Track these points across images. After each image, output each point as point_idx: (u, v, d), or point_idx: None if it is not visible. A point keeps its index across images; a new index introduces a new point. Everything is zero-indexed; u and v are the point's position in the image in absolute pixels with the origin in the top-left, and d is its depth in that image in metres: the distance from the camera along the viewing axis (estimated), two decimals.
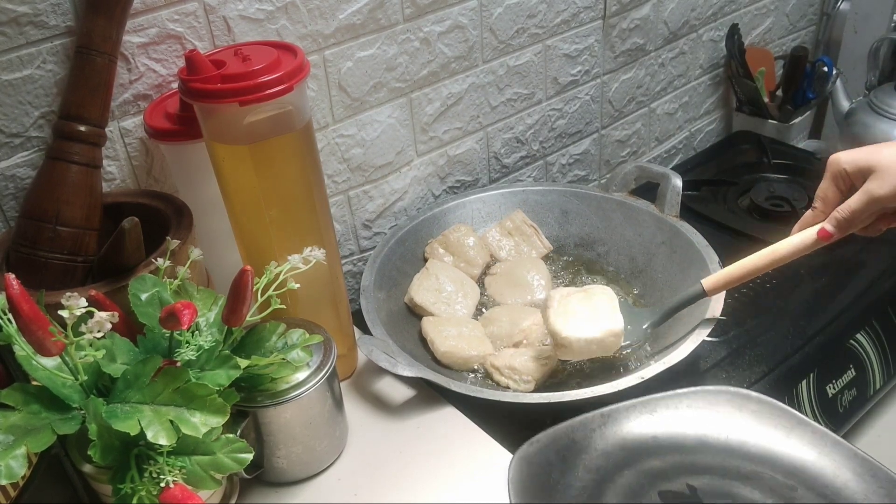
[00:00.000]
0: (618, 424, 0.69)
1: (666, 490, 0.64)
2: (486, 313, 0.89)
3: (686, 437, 0.68)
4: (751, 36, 1.33)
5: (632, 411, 0.70)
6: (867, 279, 0.97)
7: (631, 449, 0.67)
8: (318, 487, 0.71)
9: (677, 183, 0.94)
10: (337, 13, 0.81)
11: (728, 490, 0.64)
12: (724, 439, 0.68)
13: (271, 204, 0.69)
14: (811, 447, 0.65)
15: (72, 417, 0.54)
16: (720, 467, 0.66)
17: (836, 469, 0.63)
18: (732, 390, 0.70)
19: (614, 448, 0.67)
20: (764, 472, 0.65)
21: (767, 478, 0.64)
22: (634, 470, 0.66)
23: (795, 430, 0.66)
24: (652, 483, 0.64)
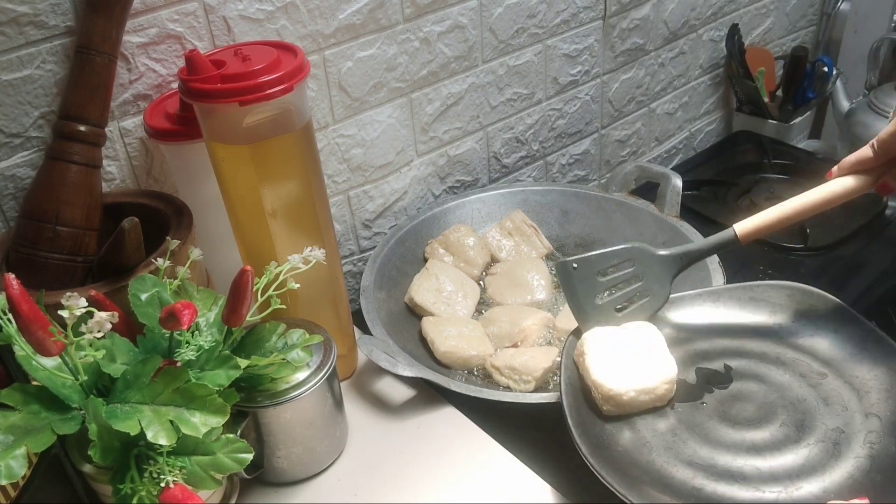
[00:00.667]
0: (681, 311, 0.76)
1: (704, 367, 0.71)
2: (486, 313, 0.89)
3: (741, 324, 0.75)
4: (751, 36, 1.33)
5: (696, 300, 0.77)
6: (867, 280, 0.97)
7: (685, 330, 0.75)
8: (318, 487, 0.71)
9: (677, 183, 0.94)
10: (337, 13, 0.81)
11: (761, 371, 0.70)
12: (775, 329, 0.74)
13: (271, 204, 0.69)
14: (855, 341, 0.71)
15: (72, 417, 0.54)
16: (762, 353, 0.72)
17: (873, 363, 0.69)
18: (796, 286, 0.76)
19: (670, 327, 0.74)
20: (802, 360, 0.71)
21: (803, 365, 0.70)
22: (682, 349, 0.72)
23: (846, 326, 0.72)
24: (693, 360, 0.71)
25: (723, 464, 0.62)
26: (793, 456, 0.63)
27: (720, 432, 0.65)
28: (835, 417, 0.65)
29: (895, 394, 0.65)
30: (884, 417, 0.64)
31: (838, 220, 1.08)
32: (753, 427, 0.65)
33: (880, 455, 0.61)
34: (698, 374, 0.71)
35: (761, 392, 0.68)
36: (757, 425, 0.66)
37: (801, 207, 0.70)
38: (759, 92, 1.29)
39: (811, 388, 0.68)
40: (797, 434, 0.64)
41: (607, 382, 0.66)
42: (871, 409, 0.65)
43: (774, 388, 0.69)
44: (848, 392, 0.67)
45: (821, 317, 0.73)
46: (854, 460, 0.61)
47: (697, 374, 0.71)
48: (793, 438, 0.64)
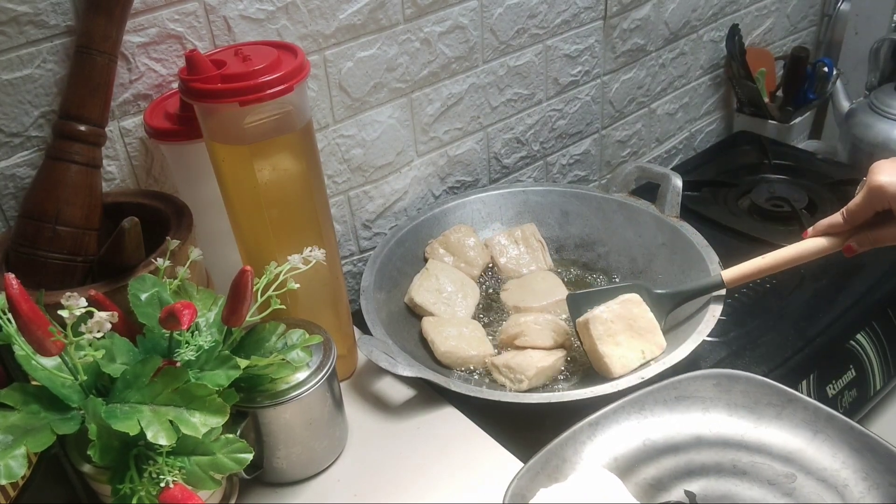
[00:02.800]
0: (607, 433, 0.66)
1: (664, 503, 0.62)
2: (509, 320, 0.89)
3: (678, 434, 0.66)
4: (751, 36, 1.33)
5: (620, 413, 0.66)
6: (867, 280, 0.97)
7: (624, 459, 0.65)
8: (318, 488, 0.71)
9: (678, 183, 0.94)
10: (337, 13, 0.81)
11: (727, 490, 0.62)
12: (716, 430, 0.66)
13: (271, 204, 0.69)
14: (805, 426, 0.63)
15: (71, 417, 0.54)
16: (716, 465, 0.64)
17: (832, 447, 0.61)
18: (719, 373, 0.69)
19: (609, 464, 0.64)
20: (761, 463, 0.63)
21: (765, 468, 0.62)
22: (630, 483, 0.63)
23: (787, 408, 0.65)
24: (649, 495, 0.62)
25: None
26: None
27: None
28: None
29: (875, 480, 0.58)
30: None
31: None
32: None
33: None
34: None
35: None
36: None
37: (779, 261, 0.80)
38: (759, 93, 1.29)
39: (788, 496, 0.60)
40: None
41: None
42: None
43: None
44: (827, 492, 0.59)
45: (756, 403, 0.66)
46: None
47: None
48: None
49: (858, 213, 0.74)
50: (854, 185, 1.13)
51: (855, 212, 0.75)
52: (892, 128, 1.17)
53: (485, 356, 0.83)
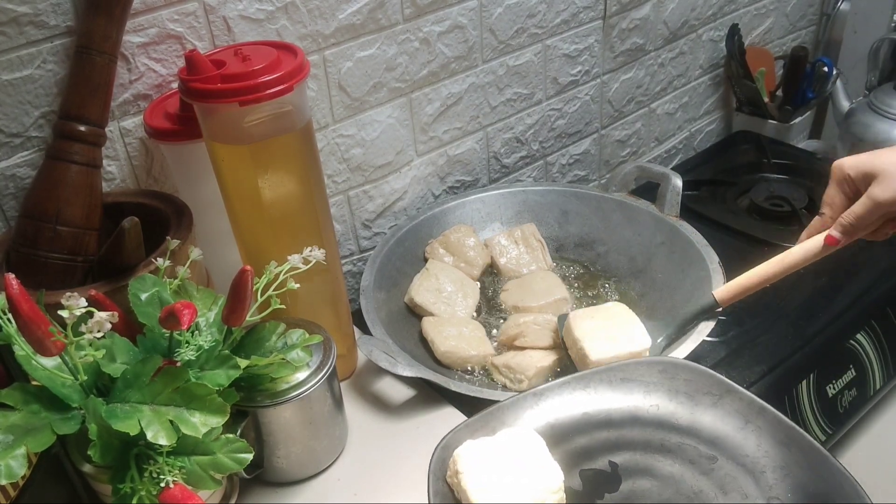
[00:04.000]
0: (550, 403, 0.68)
1: (588, 469, 0.65)
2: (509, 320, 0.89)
3: (617, 411, 0.68)
4: (751, 36, 1.33)
5: (565, 388, 0.69)
6: (867, 280, 0.97)
7: (560, 426, 0.67)
8: (318, 487, 0.71)
9: (677, 183, 0.94)
10: (337, 13, 0.81)
11: (649, 464, 0.65)
12: (654, 412, 0.68)
13: (271, 204, 0.69)
14: (737, 415, 0.66)
15: (71, 417, 0.54)
16: (645, 441, 0.66)
17: (758, 437, 0.64)
18: (665, 360, 0.71)
19: (544, 429, 0.66)
20: (688, 444, 0.66)
21: (690, 449, 0.65)
22: (560, 450, 0.65)
23: (724, 398, 0.67)
24: (576, 462, 0.65)
25: None
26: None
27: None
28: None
29: (791, 470, 0.61)
30: (785, 500, 0.60)
31: None
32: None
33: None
34: (583, 477, 0.64)
35: (655, 490, 0.63)
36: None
37: (773, 271, 0.76)
38: (758, 92, 1.29)
39: (704, 476, 0.63)
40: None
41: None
42: (770, 492, 0.60)
43: (668, 483, 0.63)
44: (743, 476, 0.62)
45: (697, 391, 0.68)
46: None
47: (582, 478, 0.64)
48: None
49: (834, 200, 0.72)
50: None
51: (830, 202, 0.72)
52: (891, 127, 1.17)
53: (485, 356, 0.83)
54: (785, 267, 0.75)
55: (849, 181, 0.70)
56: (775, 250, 1.03)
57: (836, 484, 0.58)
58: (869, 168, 0.68)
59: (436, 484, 0.61)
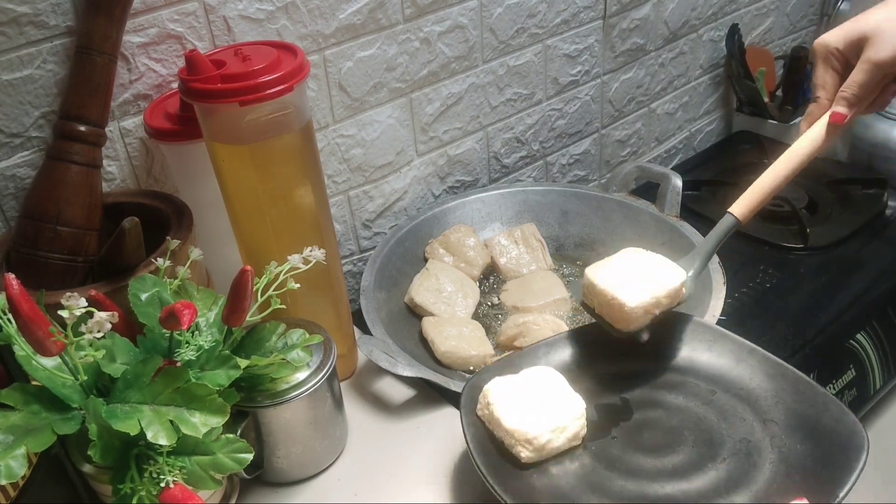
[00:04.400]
0: (564, 352, 0.75)
1: (602, 403, 0.71)
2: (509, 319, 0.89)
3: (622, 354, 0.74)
4: (751, 36, 1.33)
5: (573, 336, 0.77)
6: (867, 279, 0.97)
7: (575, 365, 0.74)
8: (318, 487, 0.71)
9: (677, 183, 0.94)
10: (337, 13, 0.81)
11: (656, 398, 0.71)
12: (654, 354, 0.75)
13: (271, 204, 0.69)
14: (730, 355, 0.73)
15: (72, 417, 0.54)
16: (651, 380, 0.73)
17: (751, 372, 0.71)
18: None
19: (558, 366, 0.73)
20: (689, 381, 0.72)
21: (691, 385, 0.72)
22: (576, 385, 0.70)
23: (717, 342, 0.74)
24: (590, 398, 0.70)
25: (653, 493, 0.62)
26: (714, 472, 0.63)
27: (639, 462, 0.65)
28: (737, 429, 0.67)
29: (782, 398, 0.68)
30: (780, 421, 0.66)
31: (839, 219, 1.08)
32: (669, 452, 0.66)
33: (790, 455, 0.63)
34: (598, 409, 0.70)
35: (664, 417, 0.69)
36: (671, 449, 0.66)
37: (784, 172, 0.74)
38: (759, 92, 1.29)
39: (706, 406, 0.69)
40: (710, 451, 0.65)
41: (522, 427, 0.63)
42: (766, 415, 0.67)
43: (674, 412, 0.69)
44: (740, 404, 0.69)
45: (693, 337, 0.75)
46: (770, 465, 0.63)
47: (598, 410, 0.70)
48: (708, 456, 0.65)
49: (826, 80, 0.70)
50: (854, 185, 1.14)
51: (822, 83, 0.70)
52: (891, 127, 1.17)
53: (485, 356, 0.83)
54: (796, 163, 0.73)
55: (836, 55, 0.68)
56: (776, 249, 1.04)
57: (822, 405, 0.65)
58: (857, 34, 0.66)
59: (468, 417, 0.67)
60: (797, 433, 0.65)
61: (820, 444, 0.63)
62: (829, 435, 0.63)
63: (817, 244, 1.03)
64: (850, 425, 0.63)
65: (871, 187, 1.12)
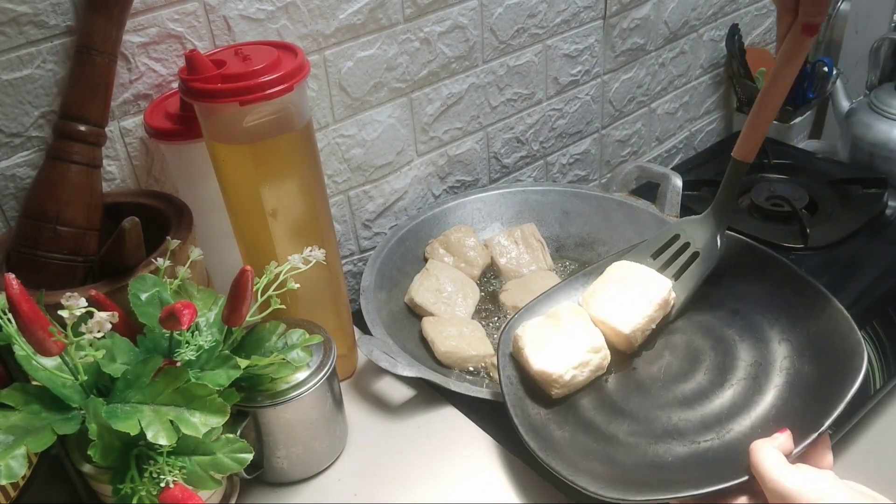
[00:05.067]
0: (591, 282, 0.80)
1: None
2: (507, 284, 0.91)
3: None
4: (751, 36, 1.33)
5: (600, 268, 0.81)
6: (867, 279, 0.97)
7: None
8: (318, 487, 0.71)
9: (677, 183, 0.94)
10: (337, 13, 0.81)
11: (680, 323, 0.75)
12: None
13: (271, 204, 0.69)
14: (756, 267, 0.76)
15: (72, 417, 0.54)
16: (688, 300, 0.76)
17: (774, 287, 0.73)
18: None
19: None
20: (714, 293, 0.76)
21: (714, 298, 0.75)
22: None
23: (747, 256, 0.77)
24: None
25: (660, 425, 0.66)
26: (720, 400, 0.66)
27: (652, 394, 0.69)
28: (752, 351, 0.69)
29: (800, 314, 0.69)
30: (793, 341, 0.68)
31: (839, 219, 1.08)
32: (682, 380, 0.69)
33: (795, 379, 0.65)
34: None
35: (684, 342, 0.73)
36: (685, 377, 0.69)
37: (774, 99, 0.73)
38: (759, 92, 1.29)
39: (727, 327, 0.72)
40: (720, 377, 0.68)
41: (549, 368, 0.69)
42: (781, 335, 0.69)
43: (697, 334, 0.73)
44: (759, 322, 0.71)
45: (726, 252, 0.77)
46: (774, 390, 0.65)
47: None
48: (717, 382, 0.68)
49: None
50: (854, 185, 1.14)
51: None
52: (891, 127, 1.18)
53: (485, 356, 0.83)
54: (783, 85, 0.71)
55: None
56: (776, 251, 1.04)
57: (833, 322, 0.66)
58: None
59: (503, 359, 0.73)
60: (806, 352, 0.66)
61: (825, 363, 0.64)
62: (836, 354, 0.64)
63: (817, 244, 1.03)
64: (853, 344, 0.63)
65: (871, 187, 1.12)
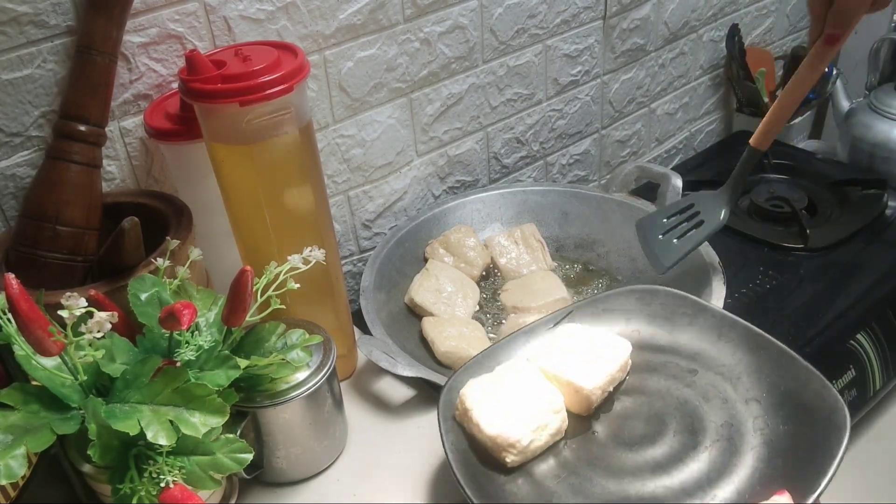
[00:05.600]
0: (540, 339, 0.73)
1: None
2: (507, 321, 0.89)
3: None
4: (751, 36, 1.33)
5: (551, 322, 0.75)
6: (867, 280, 0.97)
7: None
8: (318, 488, 0.71)
9: (677, 183, 0.94)
10: (337, 13, 0.81)
11: (636, 384, 0.70)
12: (636, 336, 0.73)
13: (271, 204, 0.69)
14: (712, 330, 0.71)
15: (71, 417, 0.54)
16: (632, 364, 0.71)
17: (734, 347, 0.70)
18: (641, 288, 0.76)
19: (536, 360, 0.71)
20: (670, 362, 0.71)
21: (672, 366, 0.70)
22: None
23: (699, 316, 0.73)
24: None
25: (634, 493, 0.60)
26: (696, 464, 0.61)
27: (621, 459, 0.63)
28: (719, 412, 0.65)
29: (764, 373, 0.66)
30: (762, 399, 0.65)
31: (838, 220, 1.08)
32: (650, 444, 0.64)
33: (773, 438, 0.62)
34: None
35: (645, 405, 0.68)
36: (653, 441, 0.64)
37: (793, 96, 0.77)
38: (759, 93, 1.29)
39: (688, 388, 0.68)
40: (692, 439, 0.63)
41: (504, 432, 0.62)
42: (747, 394, 0.66)
43: (655, 397, 0.68)
44: (721, 383, 0.68)
45: (673, 313, 0.74)
46: (752, 451, 0.61)
47: None
48: (690, 445, 0.63)
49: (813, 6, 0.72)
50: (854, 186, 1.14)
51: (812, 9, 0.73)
52: (891, 128, 1.17)
53: None
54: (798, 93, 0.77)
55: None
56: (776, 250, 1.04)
57: (803, 380, 0.64)
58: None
59: (446, 423, 0.66)
60: (780, 411, 0.63)
61: (803, 422, 0.61)
62: (812, 412, 0.61)
63: (817, 245, 1.03)
64: (831, 402, 0.61)
65: (870, 188, 1.12)
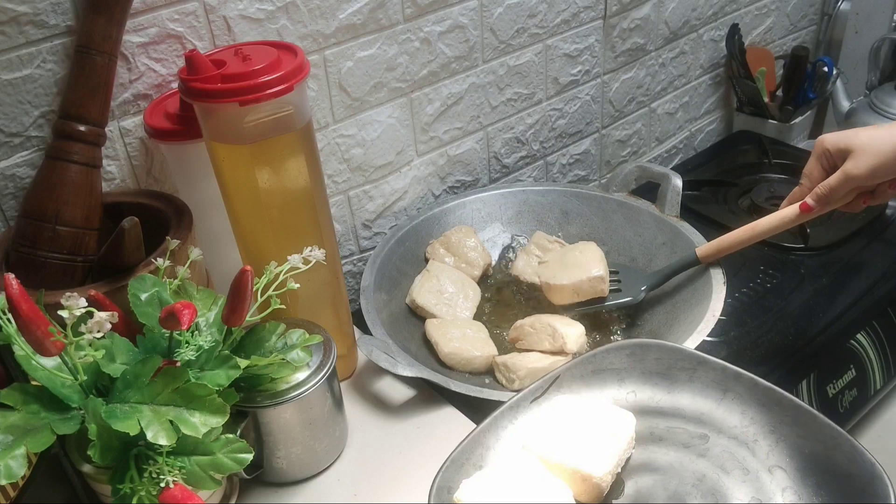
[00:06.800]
0: (528, 414, 0.66)
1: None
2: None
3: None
4: (751, 36, 1.33)
5: (538, 392, 0.68)
6: (867, 280, 0.97)
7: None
8: (318, 487, 0.71)
9: (678, 183, 0.94)
10: (337, 13, 0.81)
11: (644, 458, 0.63)
12: (632, 399, 0.67)
13: (271, 204, 0.69)
14: (715, 386, 0.65)
15: (71, 417, 0.54)
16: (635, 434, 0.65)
17: (742, 405, 0.63)
18: (631, 342, 0.70)
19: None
20: (676, 427, 0.64)
21: (679, 432, 0.64)
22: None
23: (698, 371, 0.66)
24: None
25: None
26: None
27: None
28: (743, 486, 0.58)
29: (782, 434, 0.59)
30: (786, 466, 0.58)
31: (839, 220, 1.08)
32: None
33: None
34: None
35: (660, 484, 0.60)
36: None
37: (750, 234, 0.82)
38: (759, 92, 1.29)
39: (701, 458, 0.61)
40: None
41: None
42: (769, 460, 0.59)
43: (669, 474, 0.61)
44: (737, 448, 0.61)
45: (669, 368, 0.67)
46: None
47: None
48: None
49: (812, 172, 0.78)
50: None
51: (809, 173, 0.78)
52: None
53: (489, 357, 0.83)
54: (759, 231, 0.82)
55: (827, 155, 0.76)
56: (776, 250, 1.04)
57: (830, 442, 0.56)
58: (845, 144, 0.73)
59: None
60: (809, 480, 0.56)
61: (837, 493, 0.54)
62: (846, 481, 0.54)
63: (817, 245, 1.03)
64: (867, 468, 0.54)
65: None
